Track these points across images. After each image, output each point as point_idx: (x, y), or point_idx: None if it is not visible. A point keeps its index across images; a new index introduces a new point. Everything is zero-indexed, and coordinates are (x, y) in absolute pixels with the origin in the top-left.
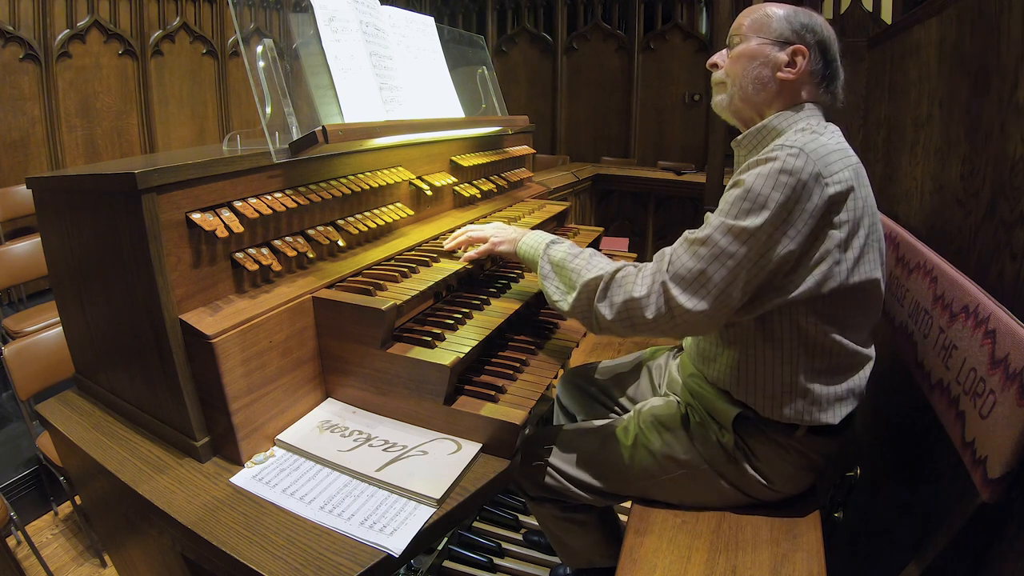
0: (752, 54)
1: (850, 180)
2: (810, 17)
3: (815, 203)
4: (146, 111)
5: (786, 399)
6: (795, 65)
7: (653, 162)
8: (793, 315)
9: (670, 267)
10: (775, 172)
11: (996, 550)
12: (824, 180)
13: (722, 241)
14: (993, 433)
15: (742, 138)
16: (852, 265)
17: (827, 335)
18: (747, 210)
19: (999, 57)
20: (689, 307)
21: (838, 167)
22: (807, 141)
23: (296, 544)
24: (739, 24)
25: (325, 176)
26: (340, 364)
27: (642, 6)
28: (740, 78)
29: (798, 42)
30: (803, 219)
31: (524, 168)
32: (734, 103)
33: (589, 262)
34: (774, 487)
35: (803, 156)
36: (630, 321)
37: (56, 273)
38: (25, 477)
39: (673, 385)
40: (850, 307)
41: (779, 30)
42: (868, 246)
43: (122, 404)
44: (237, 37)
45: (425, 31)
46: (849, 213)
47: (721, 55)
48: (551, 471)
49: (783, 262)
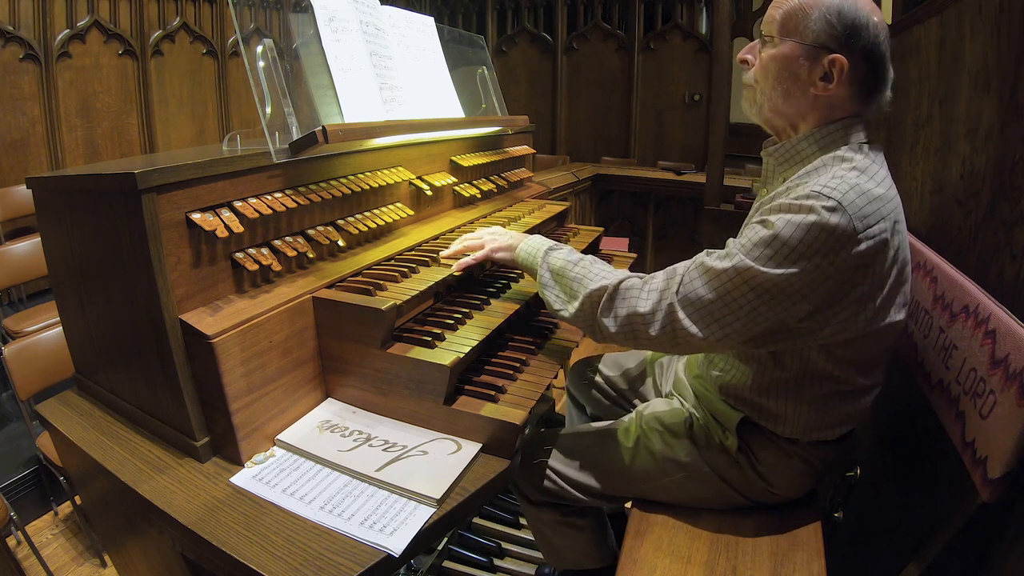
0: (783, 61)
1: (885, 232)
2: (856, 11)
3: (843, 260)
4: (146, 111)
5: (788, 420)
6: (831, 79)
7: (653, 162)
8: (806, 351)
9: (680, 289)
10: (808, 225)
11: (996, 550)
12: (858, 236)
13: (736, 280)
14: (993, 433)
15: (774, 150)
16: (873, 316)
17: (839, 369)
18: (769, 257)
19: (999, 57)
20: (693, 332)
21: (875, 219)
22: (847, 189)
23: (296, 544)
24: (771, 17)
25: (325, 176)
26: (340, 364)
27: (642, 6)
28: (769, 88)
29: (838, 50)
30: (829, 276)
31: (524, 168)
32: (764, 113)
33: (590, 270)
34: (775, 490)
35: (840, 212)
36: (633, 335)
37: (56, 273)
38: (25, 477)
39: (678, 385)
40: (867, 349)
41: (817, 31)
42: (894, 294)
43: (122, 404)
44: (237, 37)
45: (425, 31)
46: (878, 267)
47: (752, 49)
48: (551, 474)
49: (797, 310)
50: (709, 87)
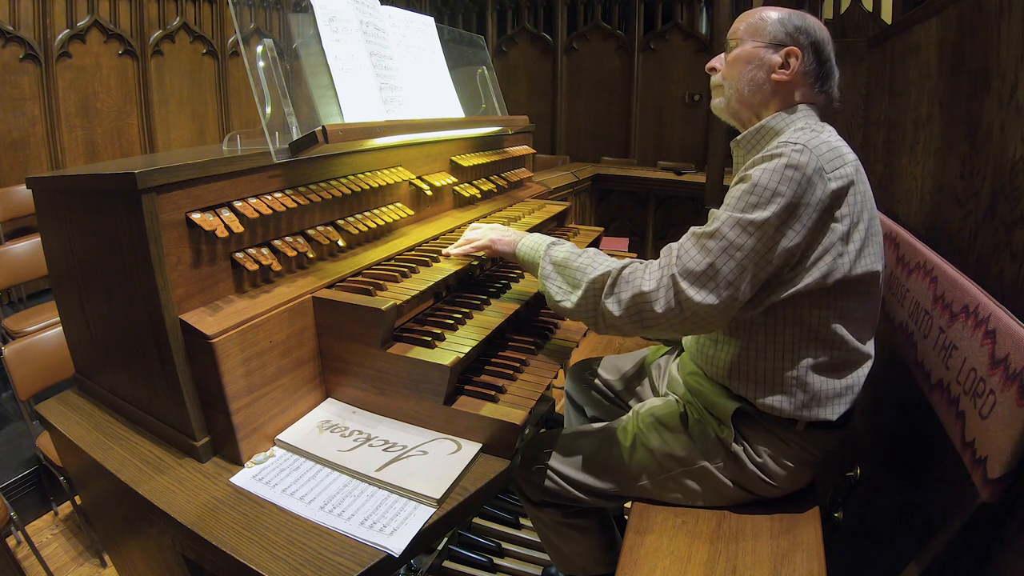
0: (747, 57)
1: (851, 175)
2: (803, 19)
3: (818, 196)
4: (146, 111)
5: (785, 392)
6: (789, 67)
7: (653, 162)
8: (797, 307)
9: (678, 261)
10: (781, 167)
11: (996, 550)
12: (827, 175)
13: (730, 234)
14: (993, 433)
15: (741, 138)
16: (855, 257)
17: (829, 327)
18: (754, 204)
19: (999, 57)
20: (698, 300)
21: (839, 163)
22: (809, 138)
23: (296, 544)
24: (735, 29)
25: (325, 176)
26: (340, 364)
27: (642, 6)
28: (736, 81)
29: (791, 44)
30: (807, 212)
31: (524, 168)
32: (731, 105)
33: (594, 260)
34: (774, 482)
35: (807, 152)
36: (639, 316)
37: (56, 273)
38: (25, 477)
39: (673, 384)
40: (852, 298)
41: (773, 33)
42: (868, 239)
43: (122, 404)
44: (237, 37)
45: (425, 31)
46: (850, 207)
47: (719, 59)
48: (551, 474)
49: (789, 255)
50: (709, 87)
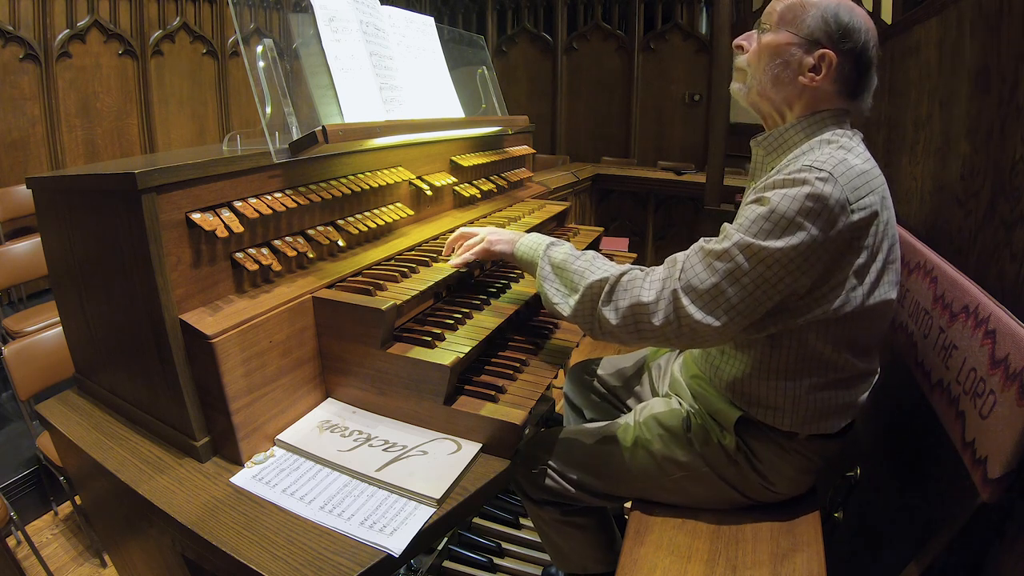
0: (777, 50)
1: (875, 205)
2: (851, 15)
3: (838, 230)
4: (146, 111)
5: (787, 409)
6: (819, 72)
7: (653, 162)
8: (803, 334)
9: (683, 275)
10: (802, 197)
11: (996, 550)
12: (850, 207)
13: (739, 258)
14: (993, 433)
15: (762, 139)
16: (868, 290)
17: (836, 352)
18: (768, 231)
19: (999, 57)
20: (698, 319)
21: (865, 191)
22: (836, 163)
23: (296, 544)
24: (771, 10)
25: (325, 176)
26: (340, 364)
27: (642, 6)
28: (761, 73)
29: (829, 46)
30: (824, 247)
31: (524, 168)
32: (751, 96)
33: (592, 264)
34: (774, 488)
35: (831, 181)
36: (636, 327)
37: (56, 273)
38: (25, 477)
39: (675, 385)
40: (862, 328)
41: (811, 27)
42: (886, 268)
43: (122, 404)
44: (237, 37)
45: (425, 31)
46: (870, 239)
47: (749, 37)
48: (551, 473)
49: (799, 286)
50: (709, 87)
